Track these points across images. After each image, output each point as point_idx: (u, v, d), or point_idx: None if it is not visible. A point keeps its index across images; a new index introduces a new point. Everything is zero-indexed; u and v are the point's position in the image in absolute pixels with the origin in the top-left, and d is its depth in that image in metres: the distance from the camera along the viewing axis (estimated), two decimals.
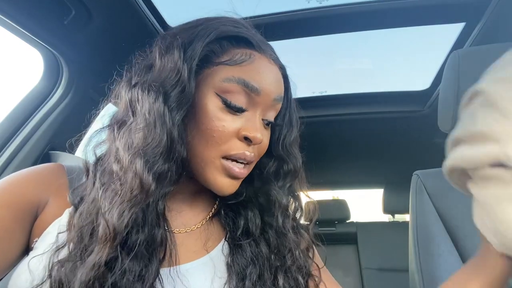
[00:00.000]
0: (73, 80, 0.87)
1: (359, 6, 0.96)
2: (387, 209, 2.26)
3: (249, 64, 0.46)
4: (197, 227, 0.50)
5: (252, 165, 0.49)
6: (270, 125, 0.50)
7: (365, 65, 1.46)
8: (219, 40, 0.46)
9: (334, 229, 2.17)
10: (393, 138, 1.70)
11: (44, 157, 0.79)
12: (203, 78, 0.45)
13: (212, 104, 0.44)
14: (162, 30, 0.96)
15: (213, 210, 0.54)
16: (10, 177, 0.46)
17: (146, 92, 0.41)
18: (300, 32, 1.06)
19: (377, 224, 2.22)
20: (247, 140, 0.45)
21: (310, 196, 0.55)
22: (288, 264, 0.48)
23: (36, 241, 0.43)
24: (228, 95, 0.44)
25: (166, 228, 0.45)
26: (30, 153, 0.77)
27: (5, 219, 0.42)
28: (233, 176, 0.45)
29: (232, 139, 0.45)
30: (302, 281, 0.49)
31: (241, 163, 0.46)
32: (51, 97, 0.85)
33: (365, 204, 3.46)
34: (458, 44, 1.07)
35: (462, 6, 0.92)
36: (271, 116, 0.49)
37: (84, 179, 0.45)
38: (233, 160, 0.45)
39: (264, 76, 0.47)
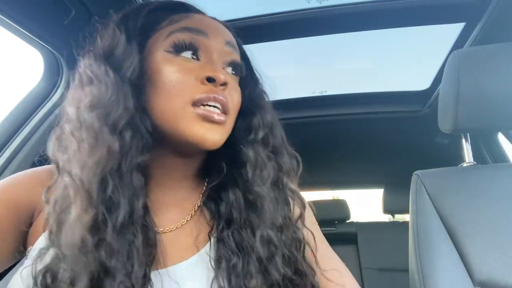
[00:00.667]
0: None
1: (359, 6, 0.96)
2: (387, 209, 2.26)
3: (189, 19, 0.47)
4: (187, 221, 0.48)
5: (231, 116, 0.46)
6: (238, 77, 0.50)
7: (365, 65, 1.46)
8: (154, 11, 0.48)
9: (334, 229, 2.17)
10: (393, 138, 1.70)
11: (44, 157, 0.79)
12: (150, 47, 0.45)
13: (162, 60, 0.44)
14: None
15: (200, 198, 0.51)
16: (8, 179, 0.46)
17: (94, 61, 0.43)
18: (300, 32, 1.06)
19: (377, 224, 2.22)
20: (211, 81, 0.43)
21: (308, 195, 0.54)
22: (276, 244, 0.44)
23: (30, 249, 0.42)
24: (175, 45, 0.44)
25: (150, 227, 0.42)
26: (30, 153, 0.77)
27: (2, 219, 0.42)
28: (211, 121, 0.42)
29: (195, 83, 0.43)
30: (297, 255, 0.46)
31: (216, 107, 0.43)
32: (51, 97, 0.85)
33: (365, 204, 3.46)
34: (458, 44, 1.07)
35: (462, 6, 0.92)
36: (232, 63, 0.49)
37: None
38: (204, 105, 0.43)
39: (207, 22, 0.49)
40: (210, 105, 0.43)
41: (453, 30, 1.04)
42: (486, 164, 1.29)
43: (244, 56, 0.54)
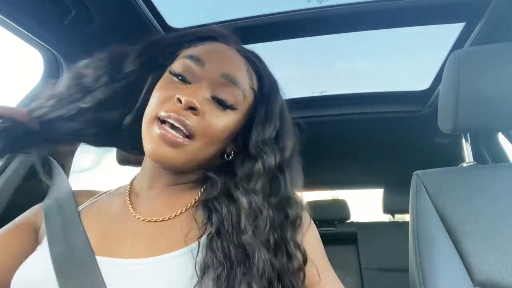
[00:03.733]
0: None
1: (359, 6, 0.96)
2: (387, 209, 2.26)
3: (199, 47, 0.52)
4: (175, 215, 0.49)
5: (198, 142, 0.47)
6: (229, 108, 0.50)
7: (365, 65, 1.46)
8: (184, 38, 0.56)
9: (334, 229, 2.17)
10: (393, 138, 1.70)
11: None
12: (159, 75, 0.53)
13: (163, 78, 0.52)
14: (162, 30, 0.96)
15: (194, 201, 0.51)
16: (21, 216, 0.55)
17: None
18: (300, 32, 1.06)
19: (377, 224, 2.22)
20: (179, 101, 0.46)
21: (307, 196, 0.53)
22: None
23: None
24: (171, 69, 0.51)
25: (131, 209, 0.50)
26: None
27: (24, 240, 0.50)
28: (166, 141, 0.46)
29: (169, 100, 0.47)
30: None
31: (178, 129, 0.46)
32: None
33: (365, 204, 3.46)
34: (458, 44, 1.07)
35: (462, 6, 0.92)
36: (223, 95, 0.49)
37: None
38: (165, 123, 0.46)
39: (210, 50, 0.52)
40: (169, 122, 0.46)
41: (453, 30, 1.04)
42: (486, 164, 1.29)
43: (265, 93, 0.54)
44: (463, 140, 0.91)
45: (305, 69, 1.48)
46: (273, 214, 0.46)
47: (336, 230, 2.17)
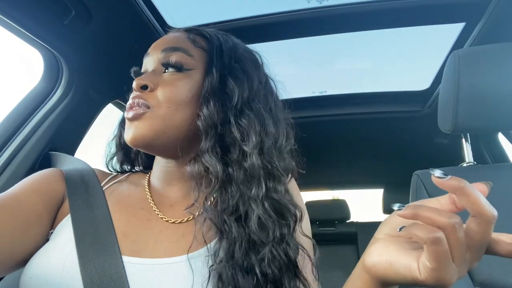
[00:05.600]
0: (73, 80, 0.87)
1: (359, 6, 0.96)
2: (387, 209, 2.26)
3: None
4: (187, 220, 0.50)
5: (158, 108, 0.49)
6: (183, 71, 0.51)
7: (365, 65, 1.46)
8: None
9: (334, 229, 2.17)
10: (393, 138, 1.70)
11: (44, 158, 0.79)
12: None
13: None
14: (162, 30, 0.96)
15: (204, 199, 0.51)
16: (36, 173, 0.53)
17: None
18: (300, 32, 1.06)
19: (377, 224, 2.18)
20: (135, 90, 0.51)
21: (308, 195, 0.53)
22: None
23: (51, 232, 0.47)
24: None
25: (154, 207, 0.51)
26: (30, 153, 0.77)
27: (37, 204, 0.47)
28: (129, 119, 0.49)
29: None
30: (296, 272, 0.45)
31: (137, 107, 0.49)
32: (51, 97, 0.85)
33: (365, 204, 3.46)
34: (458, 44, 1.07)
35: (462, 6, 0.92)
36: (171, 59, 0.52)
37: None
38: (127, 112, 0.50)
39: (155, 42, 0.56)
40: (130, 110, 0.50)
41: (453, 30, 1.04)
42: (486, 164, 1.29)
43: (211, 47, 0.55)
44: (463, 140, 0.91)
45: (305, 69, 1.48)
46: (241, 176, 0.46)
47: (336, 230, 2.17)
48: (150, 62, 0.55)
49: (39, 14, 0.72)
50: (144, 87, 0.50)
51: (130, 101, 0.50)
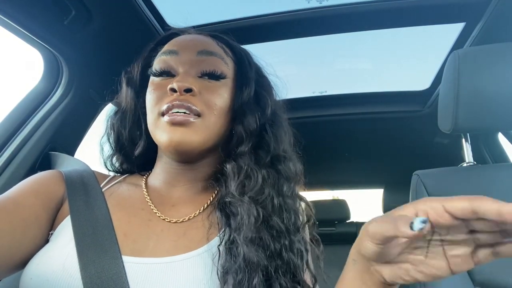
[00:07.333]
0: (73, 80, 0.87)
1: (359, 6, 0.96)
2: (387, 209, 2.26)
3: (168, 44, 0.56)
4: (194, 216, 0.50)
5: (208, 117, 0.50)
6: (220, 79, 0.53)
7: (365, 65, 1.46)
8: (153, 49, 0.59)
9: (334, 229, 2.17)
10: (393, 138, 1.70)
11: (44, 158, 0.79)
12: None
13: (149, 84, 0.54)
14: (162, 30, 0.96)
15: (210, 199, 0.53)
16: (36, 175, 0.53)
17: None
18: (300, 32, 1.06)
19: None
20: (175, 91, 0.49)
21: (308, 195, 0.55)
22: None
23: (51, 233, 0.47)
24: (154, 71, 0.54)
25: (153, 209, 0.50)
26: (30, 153, 0.77)
27: (36, 206, 0.47)
28: (175, 124, 0.48)
29: (164, 96, 0.50)
30: (300, 264, 0.47)
31: (182, 113, 0.48)
32: (51, 97, 0.85)
33: (365, 204, 3.46)
34: (458, 44, 1.07)
35: (462, 6, 0.92)
36: (209, 68, 0.52)
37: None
38: (169, 114, 0.48)
39: (178, 40, 0.55)
40: (174, 112, 0.48)
41: (453, 30, 1.04)
42: (486, 164, 1.29)
43: (240, 59, 0.57)
44: (463, 140, 0.91)
45: (305, 69, 1.48)
46: (267, 174, 0.50)
47: (336, 230, 2.17)
48: (178, 61, 0.53)
49: (39, 14, 0.72)
50: (187, 90, 0.49)
51: (173, 103, 0.48)
